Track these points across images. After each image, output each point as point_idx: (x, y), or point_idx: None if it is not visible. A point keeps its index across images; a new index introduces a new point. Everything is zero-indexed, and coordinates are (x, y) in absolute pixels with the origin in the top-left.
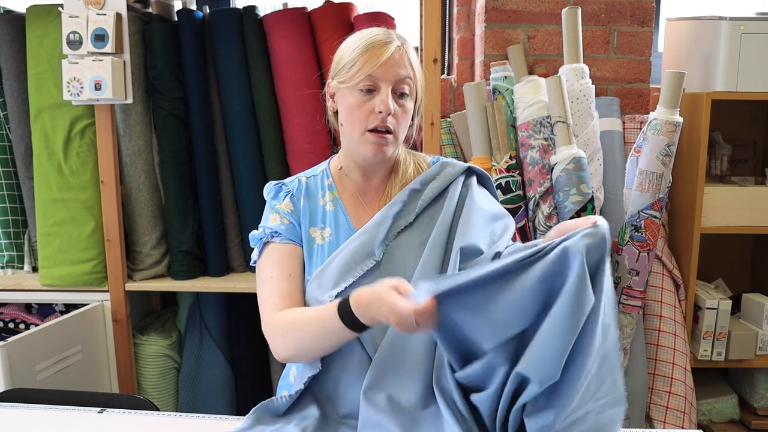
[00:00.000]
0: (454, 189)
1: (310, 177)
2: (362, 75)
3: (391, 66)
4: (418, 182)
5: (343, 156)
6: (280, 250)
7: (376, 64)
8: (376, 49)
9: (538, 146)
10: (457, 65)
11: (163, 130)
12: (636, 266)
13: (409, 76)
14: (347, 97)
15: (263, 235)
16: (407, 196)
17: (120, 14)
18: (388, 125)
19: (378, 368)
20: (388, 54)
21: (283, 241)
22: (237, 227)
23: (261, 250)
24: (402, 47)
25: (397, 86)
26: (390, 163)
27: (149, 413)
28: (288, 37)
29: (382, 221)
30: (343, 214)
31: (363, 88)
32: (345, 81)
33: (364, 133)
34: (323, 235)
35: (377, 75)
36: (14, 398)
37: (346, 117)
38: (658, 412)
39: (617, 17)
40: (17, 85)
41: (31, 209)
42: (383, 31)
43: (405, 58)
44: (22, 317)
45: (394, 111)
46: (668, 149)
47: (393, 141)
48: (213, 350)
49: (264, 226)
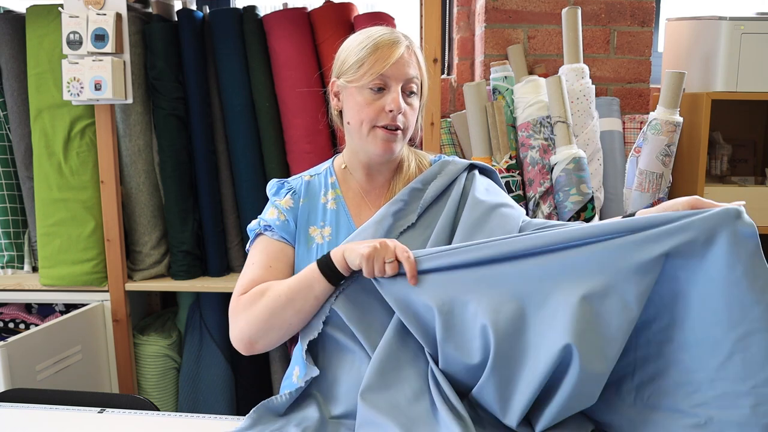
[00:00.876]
0: (456, 187)
1: (314, 175)
2: (373, 74)
3: (401, 66)
4: (419, 181)
5: (348, 155)
6: (269, 243)
7: (387, 63)
8: (386, 48)
9: (538, 146)
10: (457, 65)
11: (163, 130)
12: None
13: (417, 75)
14: (355, 96)
15: (257, 227)
16: (408, 195)
17: (120, 14)
18: (398, 123)
19: (376, 368)
20: (398, 54)
21: (274, 236)
22: (237, 227)
23: (253, 240)
24: (410, 47)
25: (406, 85)
26: (395, 162)
27: (149, 413)
28: (288, 37)
29: (382, 219)
30: (344, 213)
31: (373, 87)
32: (354, 80)
33: (372, 129)
34: (323, 234)
35: (388, 74)
36: (14, 398)
37: (354, 115)
38: None
39: (617, 17)
40: (17, 85)
41: (31, 209)
42: (389, 30)
43: (414, 58)
44: (22, 317)
45: (404, 110)
46: (668, 149)
47: (401, 138)
48: (213, 350)
49: (261, 218)
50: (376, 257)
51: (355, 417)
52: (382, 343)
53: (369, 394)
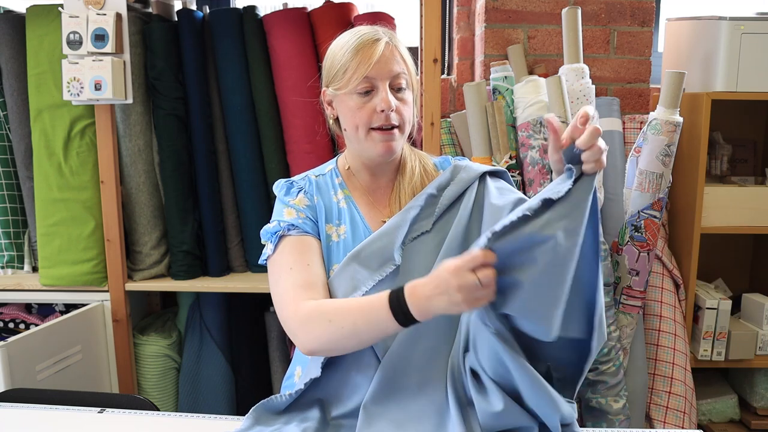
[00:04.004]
0: (469, 193)
1: (319, 175)
2: (358, 78)
3: (384, 63)
4: (434, 187)
5: (350, 157)
6: (297, 242)
7: (369, 65)
8: (366, 49)
9: (538, 146)
10: (457, 65)
11: (163, 130)
12: (636, 266)
13: (404, 70)
14: (347, 102)
15: (278, 228)
16: (424, 200)
17: (120, 14)
18: (392, 122)
19: (383, 376)
20: (379, 52)
21: (300, 233)
22: (237, 227)
23: (276, 245)
24: (391, 42)
25: (393, 82)
26: (396, 162)
27: (149, 413)
28: (288, 37)
29: (399, 226)
30: (357, 212)
31: (361, 91)
32: (341, 87)
33: (369, 133)
34: (338, 233)
35: (372, 75)
36: (14, 398)
37: (349, 121)
38: (658, 412)
39: (617, 17)
40: (17, 85)
41: (31, 209)
42: (369, 29)
43: (396, 53)
44: (22, 317)
45: (396, 106)
46: (668, 149)
47: (399, 136)
48: (213, 350)
49: (279, 220)
50: (473, 300)
51: (356, 417)
52: (393, 345)
53: (372, 406)
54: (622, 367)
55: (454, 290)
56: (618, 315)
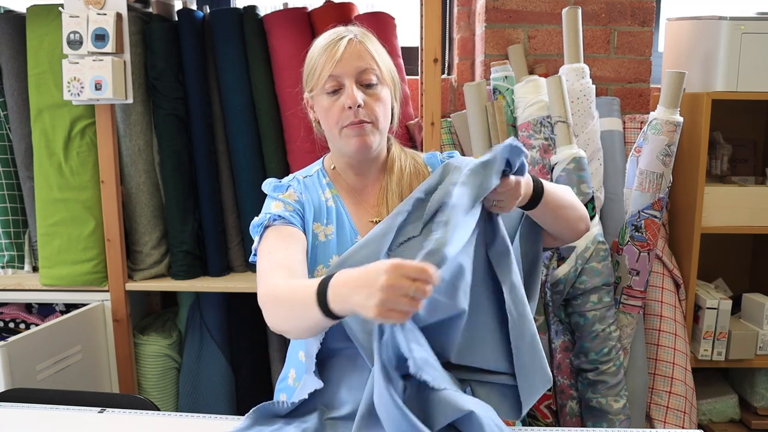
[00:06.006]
0: None
1: (306, 176)
2: (324, 77)
3: (348, 60)
4: (422, 191)
5: (334, 157)
6: (281, 229)
7: (333, 63)
8: (329, 48)
9: (539, 146)
10: (457, 65)
11: (163, 129)
12: (636, 266)
13: (371, 66)
14: (320, 103)
15: (264, 219)
16: (411, 205)
17: (120, 14)
18: (361, 118)
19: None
20: (341, 50)
21: (286, 224)
22: (237, 227)
23: (261, 235)
24: (355, 38)
25: (360, 78)
26: (381, 160)
27: (149, 413)
28: (288, 37)
29: (386, 233)
30: (344, 212)
31: (329, 90)
32: (314, 88)
33: (341, 131)
34: (326, 232)
35: (337, 73)
36: (14, 398)
37: (324, 121)
38: (659, 411)
39: (617, 17)
40: (17, 85)
41: (31, 209)
42: (338, 29)
43: (361, 49)
44: (22, 317)
45: (364, 102)
46: (668, 149)
47: (372, 129)
48: (213, 350)
49: (266, 212)
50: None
51: (353, 419)
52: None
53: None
54: (622, 366)
55: (378, 288)
56: (618, 315)
